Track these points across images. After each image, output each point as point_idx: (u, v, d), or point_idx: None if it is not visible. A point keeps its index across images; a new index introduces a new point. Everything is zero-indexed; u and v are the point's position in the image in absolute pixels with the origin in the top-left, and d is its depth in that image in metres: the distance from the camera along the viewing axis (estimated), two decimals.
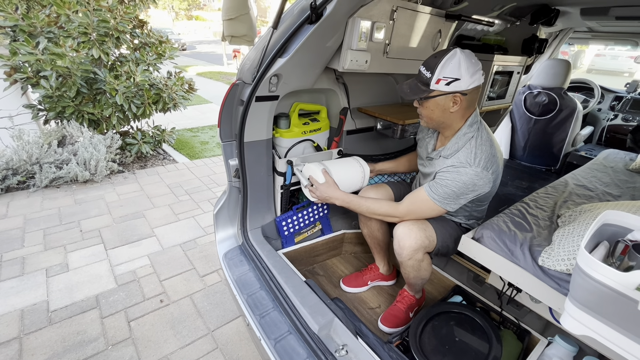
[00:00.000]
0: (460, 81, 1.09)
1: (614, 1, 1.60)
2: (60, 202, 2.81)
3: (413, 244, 1.20)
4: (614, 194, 1.59)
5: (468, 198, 1.18)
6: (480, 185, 1.14)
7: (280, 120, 1.52)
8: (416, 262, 1.25)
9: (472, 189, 1.14)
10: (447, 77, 1.08)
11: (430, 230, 1.25)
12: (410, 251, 1.21)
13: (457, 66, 1.07)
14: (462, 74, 1.08)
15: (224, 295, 1.93)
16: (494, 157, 1.17)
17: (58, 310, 1.76)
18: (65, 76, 2.99)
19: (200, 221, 2.70)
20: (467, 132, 1.18)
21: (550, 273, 1.00)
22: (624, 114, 3.02)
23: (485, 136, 1.18)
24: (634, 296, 0.54)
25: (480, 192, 1.17)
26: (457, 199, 1.17)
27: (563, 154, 2.69)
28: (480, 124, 1.21)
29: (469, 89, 1.10)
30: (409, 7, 1.40)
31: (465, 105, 1.15)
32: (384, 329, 1.42)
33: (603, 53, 14.97)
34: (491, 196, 1.31)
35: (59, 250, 2.22)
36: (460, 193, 1.15)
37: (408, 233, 1.21)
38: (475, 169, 1.12)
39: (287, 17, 1.21)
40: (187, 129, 5.23)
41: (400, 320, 1.42)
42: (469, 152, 1.15)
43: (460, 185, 1.13)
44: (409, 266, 1.27)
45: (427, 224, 1.26)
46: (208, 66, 13.07)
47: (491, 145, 1.17)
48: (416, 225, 1.23)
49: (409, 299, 1.46)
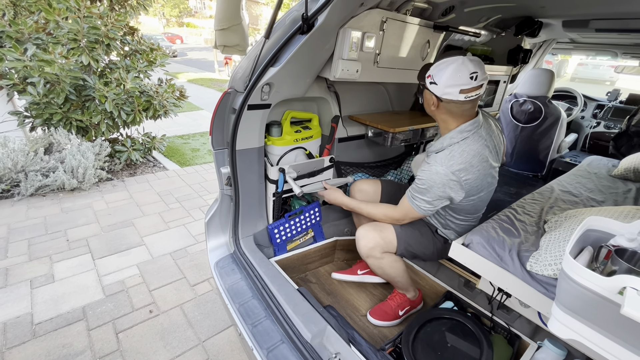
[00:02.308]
0: (436, 86, 1.15)
1: (593, 14, 1.67)
2: (46, 211, 2.75)
3: (367, 243, 1.34)
4: (597, 199, 1.63)
5: (441, 200, 1.20)
6: (452, 190, 1.17)
7: (273, 128, 1.52)
8: (375, 260, 1.37)
9: (443, 190, 1.17)
10: (431, 76, 1.16)
11: (388, 232, 1.36)
12: (366, 249, 1.35)
13: (442, 72, 1.12)
14: (441, 81, 1.13)
15: (216, 305, 1.90)
16: (472, 169, 1.16)
17: (43, 323, 1.71)
18: (53, 83, 2.95)
19: (191, 229, 2.66)
20: (454, 137, 1.20)
21: (538, 278, 1.02)
22: (606, 122, 3.12)
23: (473, 148, 1.17)
24: (617, 300, 0.56)
25: (453, 197, 1.19)
26: (429, 199, 1.19)
27: (549, 161, 2.76)
28: (473, 135, 1.20)
29: (442, 97, 1.15)
30: (398, 18, 1.44)
31: (446, 111, 1.20)
32: (371, 320, 1.50)
33: (585, 62, 15.50)
34: (467, 211, 1.32)
35: (45, 261, 2.17)
36: (430, 190, 1.17)
37: (364, 235, 1.36)
38: (446, 170, 1.15)
39: (279, 27, 1.23)
40: (178, 136, 5.19)
41: (387, 315, 1.48)
42: (447, 154, 1.17)
43: (431, 184, 1.17)
44: (370, 264, 1.40)
45: (387, 227, 1.36)
46: (199, 73, 13.04)
47: (474, 157, 1.17)
48: (373, 226, 1.37)
49: (399, 296, 1.52)
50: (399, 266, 1.43)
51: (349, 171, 1.88)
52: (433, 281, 1.65)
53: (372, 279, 1.70)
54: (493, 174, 1.27)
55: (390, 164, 2.11)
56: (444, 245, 1.42)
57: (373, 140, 1.84)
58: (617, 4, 1.38)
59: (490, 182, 1.28)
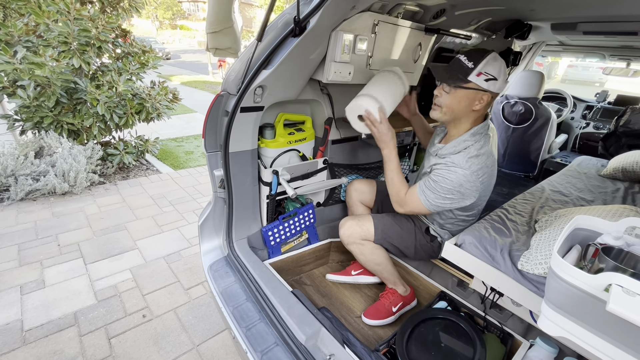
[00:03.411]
0: (497, 82, 1.14)
1: (580, 17, 1.70)
2: (36, 216, 2.71)
3: (346, 230, 1.46)
4: (587, 199, 1.66)
5: (453, 201, 1.19)
6: (467, 189, 1.16)
7: (266, 131, 1.53)
8: (357, 246, 1.46)
9: (459, 190, 1.16)
10: (488, 74, 1.13)
11: (366, 222, 1.46)
12: (346, 236, 1.46)
13: (498, 67, 1.13)
14: (500, 76, 1.14)
15: (210, 308, 1.89)
16: (487, 169, 1.19)
17: (33, 329, 1.68)
18: (44, 86, 2.92)
19: (185, 232, 2.65)
20: (467, 140, 1.21)
21: (529, 277, 1.03)
22: (595, 122, 3.17)
23: (486, 149, 1.20)
24: (603, 297, 0.57)
25: (466, 198, 1.19)
26: (441, 198, 1.19)
27: (540, 161, 2.80)
28: (484, 137, 1.22)
29: (497, 91, 1.16)
30: (389, 21, 1.45)
31: (483, 110, 1.21)
32: (366, 321, 1.50)
33: (575, 64, 15.75)
34: (471, 212, 1.35)
35: (35, 266, 2.13)
36: (446, 191, 1.17)
37: (344, 224, 1.48)
38: (466, 171, 1.15)
39: (272, 30, 1.23)
40: (172, 138, 5.16)
41: (381, 312, 1.50)
42: (465, 155, 1.18)
43: (448, 182, 1.16)
44: (353, 250, 1.48)
45: (366, 218, 1.47)
46: (193, 75, 12.99)
47: (488, 157, 1.19)
48: (353, 218, 1.48)
49: (390, 293, 1.54)
50: (381, 252, 1.49)
51: (343, 173, 1.89)
52: (427, 281, 1.66)
53: (366, 279, 1.71)
54: (495, 173, 1.30)
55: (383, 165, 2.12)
56: (429, 245, 1.45)
57: (366, 141, 1.85)
58: (603, 7, 1.41)
59: (494, 180, 1.31)
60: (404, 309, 1.57)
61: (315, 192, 1.76)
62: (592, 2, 1.34)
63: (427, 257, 1.53)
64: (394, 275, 1.54)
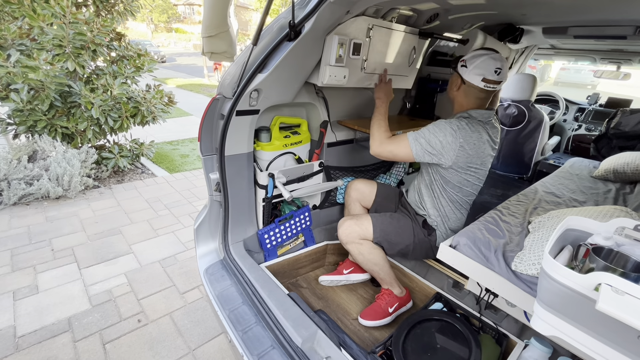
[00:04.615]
0: (465, 69, 1.31)
1: (571, 22, 1.73)
2: (29, 220, 2.68)
3: (345, 229, 1.49)
4: (579, 200, 1.68)
5: (434, 146, 1.28)
6: (447, 143, 1.26)
7: (261, 134, 1.53)
8: (355, 245, 1.48)
9: (438, 138, 1.28)
10: (465, 61, 1.32)
11: (365, 221, 1.49)
12: (344, 235, 1.49)
13: (475, 59, 1.28)
14: (471, 65, 1.29)
15: (206, 312, 1.88)
16: (470, 140, 1.27)
17: (26, 336, 1.66)
18: (37, 89, 2.90)
19: (181, 236, 2.63)
20: (463, 114, 1.36)
21: (522, 277, 1.04)
22: (587, 124, 3.22)
23: (477, 128, 1.30)
24: (592, 296, 0.58)
25: (443, 152, 1.28)
26: (425, 141, 1.29)
27: (533, 163, 2.83)
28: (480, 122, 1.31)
29: (466, 79, 1.31)
30: (384, 26, 1.47)
31: (464, 94, 1.35)
32: (362, 323, 1.51)
33: (568, 67, 15.93)
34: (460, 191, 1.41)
35: (28, 271, 2.11)
36: (430, 133, 1.29)
37: (342, 223, 1.51)
38: (446, 125, 1.29)
39: (267, 34, 1.24)
40: (167, 142, 5.14)
41: (377, 313, 1.52)
42: (454, 119, 1.32)
43: (433, 127, 1.31)
44: (351, 250, 1.50)
45: (365, 218, 1.50)
46: (188, 78, 12.96)
47: (474, 132, 1.28)
48: (352, 218, 1.52)
49: (386, 294, 1.55)
50: (379, 252, 1.51)
51: (339, 175, 1.90)
52: (423, 283, 1.67)
53: (358, 277, 1.72)
54: (486, 162, 1.36)
55: (379, 167, 2.13)
56: (426, 239, 1.47)
57: (362, 144, 1.86)
58: (593, 12, 1.44)
59: (481, 169, 1.36)
60: (400, 310, 1.58)
61: (311, 194, 1.77)
62: (582, 7, 1.37)
63: (424, 255, 1.54)
64: (390, 276, 1.55)
